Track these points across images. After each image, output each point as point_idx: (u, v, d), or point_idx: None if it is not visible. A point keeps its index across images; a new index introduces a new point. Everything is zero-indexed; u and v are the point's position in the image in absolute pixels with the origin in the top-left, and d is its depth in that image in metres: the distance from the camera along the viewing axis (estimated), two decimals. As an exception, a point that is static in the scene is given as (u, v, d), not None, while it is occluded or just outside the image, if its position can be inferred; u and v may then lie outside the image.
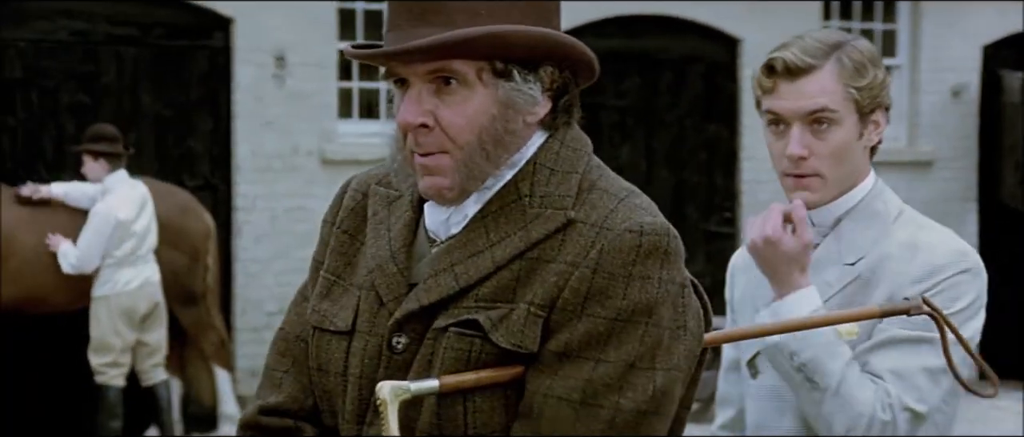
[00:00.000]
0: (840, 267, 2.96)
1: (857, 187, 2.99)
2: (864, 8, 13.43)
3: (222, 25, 11.43)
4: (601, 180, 2.23)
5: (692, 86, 12.91)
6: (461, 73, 2.17)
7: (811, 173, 2.96)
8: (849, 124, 2.95)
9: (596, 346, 2.13)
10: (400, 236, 2.27)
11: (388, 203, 2.32)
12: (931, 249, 2.91)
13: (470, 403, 2.15)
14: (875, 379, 2.86)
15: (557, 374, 2.13)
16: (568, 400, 2.12)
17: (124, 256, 9.49)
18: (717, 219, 12.98)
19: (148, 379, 9.83)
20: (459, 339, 2.15)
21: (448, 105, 2.18)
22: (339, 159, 11.59)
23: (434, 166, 2.19)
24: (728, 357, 3.24)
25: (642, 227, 2.15)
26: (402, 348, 2.20)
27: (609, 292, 2.13)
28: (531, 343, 2.14)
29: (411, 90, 2.19)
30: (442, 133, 2.18)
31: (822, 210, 3.00)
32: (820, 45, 2.94)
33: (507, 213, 2.20)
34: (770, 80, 2.96)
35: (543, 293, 2.14)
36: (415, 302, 2.19)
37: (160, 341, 9.81)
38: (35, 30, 10.90)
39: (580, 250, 2.15)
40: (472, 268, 2.17)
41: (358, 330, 2.25)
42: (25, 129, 10.90)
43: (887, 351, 2.87)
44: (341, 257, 2.33)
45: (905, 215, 3.00)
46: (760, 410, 3.07)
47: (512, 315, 2.15)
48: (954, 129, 13.45)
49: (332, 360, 2.27)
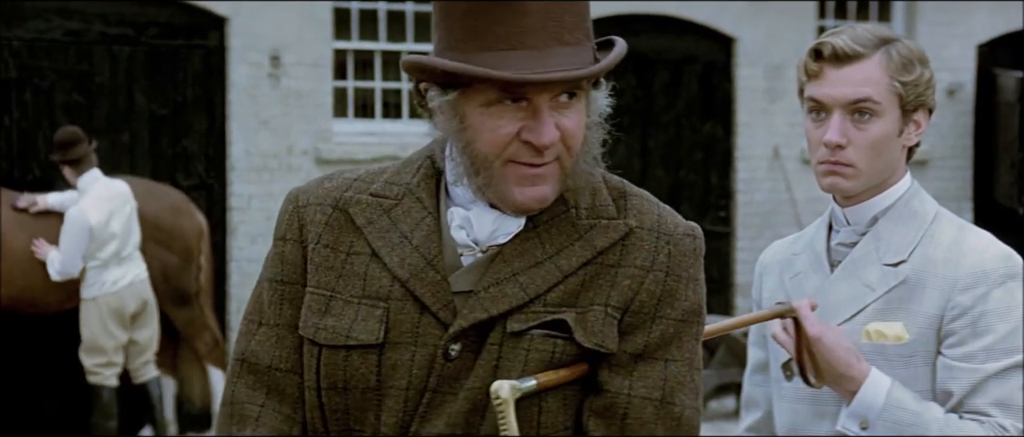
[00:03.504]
0: (880, 267, 2.94)
1: (894, 186, 2.98)
2: (859, 7, 13.42)
3: (217, 24, 11.41)
4: (626, 186, 2.34)
5: (688, 85, 12.90)
6: (582, 88, 2.24)
7: (846, 163, 2.92)
8: (890, 118, 2.92)
9: (666, 346, 2.24)
10: (430, 244, 2.25)
11: (385, 211, 2.28)
12: (978, 252, 2.90)
13: (543, 403, 2.20)
14: (981, 417, 2.86)
15: (633, 374, 2.23)
16: (650, 399, 2.22)
17: (109, 257, 9.48)
18: (712, 218, 12.97)
19: (139, 377, 9.83)
20: (544, 340, 2.20)
21: (567, 117, 2.22)
22: (334, 158, 11.58)
23: (547, 175, 2.22)
24: (755, 359, 3.23)
25: (693, 230, 2.30)
26: (456, 355, 2.20)
27: (677, 294, 2.25)
28: (611, 343, 2.21)
29: (544, 109, 2.19)
30: (561, 145, 2.22)
31: (858, 208, 2.98)
32: (871, 36, 2.92)
33: (558, 225, 2.25)
34: (817, 64, 2.93)
35: (617, 296, 2.23)
36: (482, 311, 2.20)
37: (151, 339, 9.81)
38: (29, 29, 10.87)
39: (647, 255, 2.25)
40: (538, 277, 2.22)
41: (394, 341, 2.22)
42: (19, 129, 10.88)
43: (984, 387, 2.86)
44: (330, 271, 2.27)
45: (942, 215, 2.98)
46: (794, 412, 3.05)
47: (587, 316, 2.21)
48: (949, 128, 13.45)
49: (357, 376, 2.22)
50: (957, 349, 2.87)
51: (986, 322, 2.86)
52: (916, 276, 2.90)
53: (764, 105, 12.97)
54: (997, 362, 2.85)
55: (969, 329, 2.86)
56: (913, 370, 2.90)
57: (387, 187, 2.30)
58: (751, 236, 12.95)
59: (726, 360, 10.75)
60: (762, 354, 3.19)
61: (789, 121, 12.82)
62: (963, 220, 3.01)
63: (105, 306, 9.52)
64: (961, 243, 2.92)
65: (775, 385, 3.12)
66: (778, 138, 12.98)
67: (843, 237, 3.01)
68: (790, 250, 3.13)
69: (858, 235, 2.98)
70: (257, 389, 2.29)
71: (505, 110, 2.19)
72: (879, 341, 2.92)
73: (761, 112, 12.96)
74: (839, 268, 3.00)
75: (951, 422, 2.86)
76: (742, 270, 12.82)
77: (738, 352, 10.24)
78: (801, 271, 3.06)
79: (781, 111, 12.87)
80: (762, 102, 12.96)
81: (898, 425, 2.85)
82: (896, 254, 2.94)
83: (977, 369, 2.86)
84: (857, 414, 2.88)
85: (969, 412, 2.87)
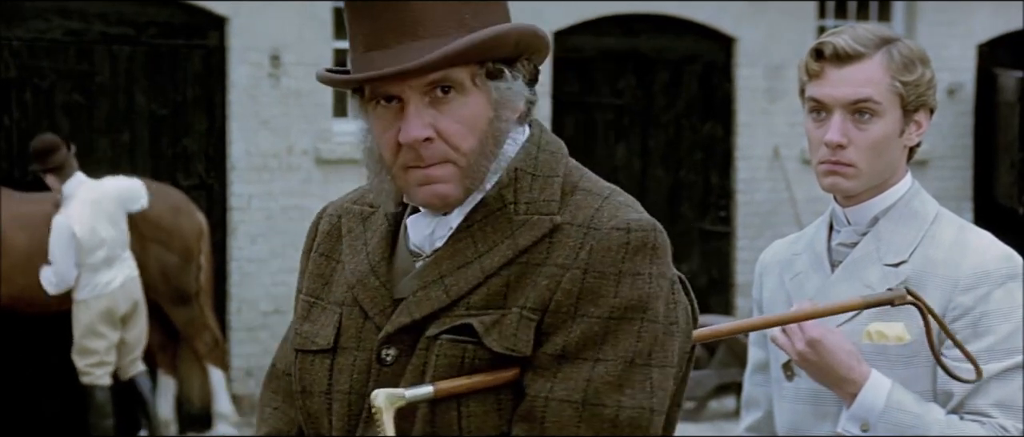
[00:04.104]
0: (881, 267, 2.94)
1: (894, 186, 2.98)
2: (859, 7, 13.42)
3: (217, 24, 11.41)
4: (582, 181, 2.23)
5: (688, 85, 12.90)
6: (458, 80, 2.17)
7: (847, 163, 2.92)
8: (891, 118, 2.92)
9: (593, 346, 2.13)
10: (378, 250, 2.27)
11: (362, 219, 2.32)
12: (979, 253, 2.90)
13: (464, 408, 2.15)
14: (982, 418, 2.86)
15: (556, 377, 2.13)
16: (570, 402, 2.12)
17: (99, 262, 9.48)
18: (712, 218, 12.97)
19: (126, 373, 9.86)
20: (452, 345, 2.15)
21: (446, 114, 2.17)
22: (334, 158, 11.57)
23: (438, 176, 2.17)
24: (755, 358, 3.22)
25: (629, 224, 2.16)
26: (391, 360, 2.19)
27: (601, 291, 2.13)
28: (524, 346, 2.14)
29: (409, 106, 2.16)
30: (444, 143, 2.17)
31: (859, 208, 2.98)
32: (872, 36, 2.93)
33: (493, 222, 2.20)
34: (818, 64, 2.93)
35: (535, 296, 2.15)
36: (406, 316, 2.19)
37: (139, 337, 9.84)
38: (29, 29, 10.87)
39: (569, 252, 2.15)
40: (462, 279, 2.17)
41: (342, 346, 2.24)
42: (19, 129, 10.87)
43: (986, 388, 2.86)
44: (318, 278, 2.33)
45: (942, 215, 2.98)
46: (795, 412, 3.05)
47: (504, 320, 2.15)
48: (949, 128, 13.44)
49: (315, 380, 2.26)
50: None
51: (987, 323, 2.86)
52: (917, 276, 2.90)
53: (764, 105, 12.97)
54: (998, 363, 2.85)
55: (970, 330, 2.86)
56: (914, 371, 2.90)
57: (378, 196, 2.32)
58: (751, 236, 12.95)
59: (726, 360, 10.74)
60: (762, 354, 3.19)
61: (789, 121, 12.82)
62: (963, 220, 3.01)
63: (96, 307, 9.53)
64: (962, 243, 2.92)
65: (775, 385, 3.12)
66: (778, 138, 12.97)
67: (844, 237, 3.01)
68: (790, 250, 3.13)
69: (859, 235, 2.98)
70: (277, 392, 2.39)
71: (385, 112, 2.18)
72: (880, 342, 2.91)
73: (761, 112, 12.96)
74: (840, 268, 2.99)
75: (952, 423, 2.86)
76: (742, 270, 12.81)
77: (738, 352, 10.24)
78: (802, 271, 3.05)
79: (781, 111, 12.86)
80: (762, 102, 12.96)
81: (899, 427, 2.85)
82: (897, 254, 2.93)
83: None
84: (858, 416, 2.88)
85: (970, 413, 2.87)
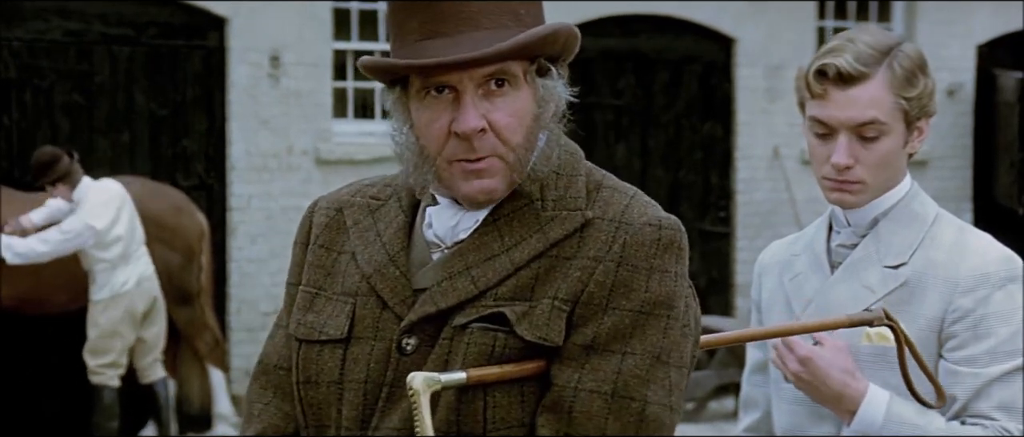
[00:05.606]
0: (881, 269, 2.93)
1: (894, 188, 2.97)
2: (859, 7, 13.42)
3: (217, 25, 11.41)
4: (606, 179, 2.27)
5: (687, 85, 12.90)
6: (513, 74, 2.19)
7: (854, 180, 2.92)
8: (896, 133, 2.92)
9: (622, 339, 2.16)
10: (396, 241, 2.28)
11: (371, 212, 2.32)
12: (979, 255, 2.90)
13: (490, 398, 2.16)
14: (985, 421, 2.86)
15: (585, 367, 2.15)
16: (599, 392, 2.14)
17: (116, 258, 9.48)
18: (712, 218, 12.97)
19: (147, 377, 9.84)
20: (483, 334, 2.17)
21: (499, 107, 2.19)
22: (334, 158, 11.58)
23: (487, 169, 2.19)
24: (754, 359, 3.22)
25: (660, 221, 2.20)
26: (412, 349, 2.20)
27: (633, 285, 2.17)
28: (556, 336, 2.16)
29: (465, 96, 2.17)
30: (494, 136, 2.18)
31: (859, 210, 2.97)
32: (873, 51, 2.90)
33: (520, 217, 2.22)
34: (821, 86, 2.90)
35: (567, 288, 2.17)
36: (431, 305, 2.20)
37: (158, 336, 9.82)
38: (29, 29, 10.87)
39: (601, 245, 2.18)
40: (490, 270, 2.19)
41: (357, 336, 2.25)
42: (19, 129, 10.88)
43: (988, 391, 2.86)
44: (320, 270, 2.33)
45: (942, 217, 2.98)
46: (793, 413, 3.05)
47: (536, 310, 2.17)
48: (949, 128, 13.45)
49: (323, 370, 2.26)
50: (959, 352, 2.87)
51: (987, 325, 2.86)
52: (917, 278, 2.90)
53: (764, 105, 12.97)
54: (1000, 365, 2.85)
55: (970, 332, 2.86)
56: (914, 372, 2.90)
57: (382, 189, 2.35)
58: (751, 236, 12.95)
59: (726, 360, 10.75)
60: (761, 355, 3.18)
61: (789, 121, 12.82)
62: (963, 222, 3.01)
63: (116, 307, 9.52)
64: (962, 245, 2.92)
65: (774, 386, 3.11)
66: (778, 138, 12.98)
67: (843, 238, 3.00)
68: (790, 251, 3.12)
69: (858, 236, 2.98)
70: (267, 388, 2.36)
71: (435, 102, 2.19)
72: (880, 343, 2.91)
73: (761, 112, 12.96)
74: (839, 269, 2.99)
75: (954, 429, 2.86)
76: (742, 270, 12.81)
77: (738, 352, 10.24)
78: (801, 272, 3.05)
79: (781, 111, 12.86)
80: (762, 102, 12.96)
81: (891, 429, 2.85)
82: (897, 256, 2.93)
83: (979, 373, 2.85)
84: (858, 434, 2.88)
85: (973, 416, 2.86)
